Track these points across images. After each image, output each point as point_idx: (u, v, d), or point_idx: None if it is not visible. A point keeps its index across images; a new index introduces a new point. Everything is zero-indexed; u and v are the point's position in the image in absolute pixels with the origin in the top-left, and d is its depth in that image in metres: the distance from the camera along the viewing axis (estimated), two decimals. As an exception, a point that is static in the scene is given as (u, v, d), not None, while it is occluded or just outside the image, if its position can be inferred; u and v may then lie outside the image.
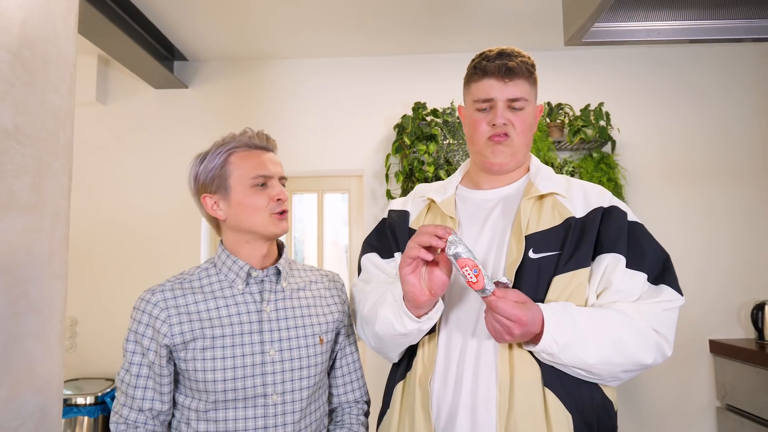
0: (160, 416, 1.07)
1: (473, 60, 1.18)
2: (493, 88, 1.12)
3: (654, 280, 1.08)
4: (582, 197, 1.15)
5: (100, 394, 2.65)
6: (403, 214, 1.29)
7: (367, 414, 1.27)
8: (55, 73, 1.14)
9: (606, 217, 1.11)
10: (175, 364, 1.07)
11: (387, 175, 3.00)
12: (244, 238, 1.12)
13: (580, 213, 1.12)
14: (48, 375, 1.09)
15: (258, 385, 1.05)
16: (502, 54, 1.13)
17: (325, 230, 3.28)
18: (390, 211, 1.34)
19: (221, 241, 1.16)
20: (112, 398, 2.64)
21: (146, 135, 3.14)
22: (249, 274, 1.11)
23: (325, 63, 3.17)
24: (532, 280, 1.07)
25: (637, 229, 1.12)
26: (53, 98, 1.13)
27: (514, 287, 1.05)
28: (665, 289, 1.07)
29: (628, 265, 1.07)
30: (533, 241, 1.09)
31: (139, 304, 1.07)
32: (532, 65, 1.15)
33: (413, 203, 1.31)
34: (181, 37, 2.89)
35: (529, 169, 1.23)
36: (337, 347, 1.24)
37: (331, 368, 1.25)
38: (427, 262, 1.00)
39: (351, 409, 1.24)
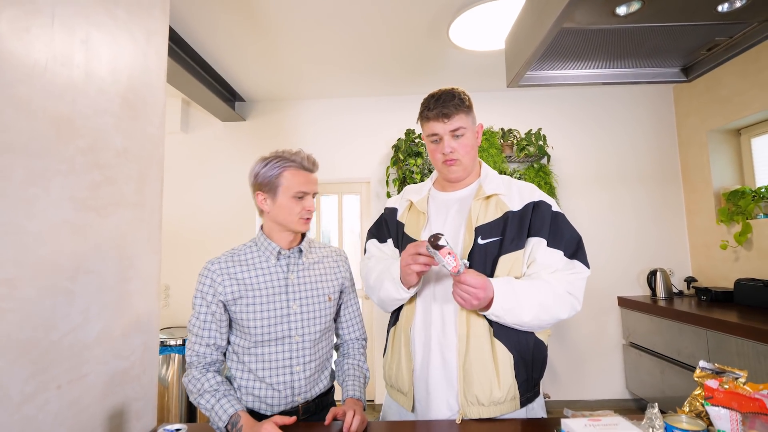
0: (219, 349, 1.08)
1: (420, 107, 1.14)
2: (437, 126, 1.10)
3: (569, 255, 1.06)
4: (518, 195, 1.12)
5: (185, 338, 2.68)
6: (393, 211, 1.28)
7: (364, 347, 1.28)
8: (150, 111, 1.16)
9: (535, 209, 1.08)
10: (229, 313, 1.09)
11: (387, 182, 3.01)
12: (278, 228, 1.12)
13: (516, 207, 1.09)
14: (148, 321, 1.11)
15: (285, 329, 1.07)
16: (438, 100, 1.10)
17: (344, 221, 3.28)
18: (385, 207, 1.32)
19: (261, 226, 1.16)
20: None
21: (216, 154, 3.16)
22: (279, 253, 1.12)
23: (342, 101, 3.18)
24: (482, 260, 1.06)
25: (559, 217, 1.09)
26: (149, 128, 1.15)
27: (469, 267, 1.04)
28: (577, 264, 1.05)
29: (549, 245, 1.05)
30: (481, 231, 1.07)
31: (204, 271, 1.08)
32: (465, 100, 1.11)
33: (400, 202, 1.29)
34: (240, 83, 2.89)
35: (480, 175, 1.21)
36: (341, 300, 1.24)
37: (338, 315, 1.25)
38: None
39: (353, 344, 1.24)
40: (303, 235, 1.19)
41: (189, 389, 1.03)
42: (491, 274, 1.04)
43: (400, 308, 1.17)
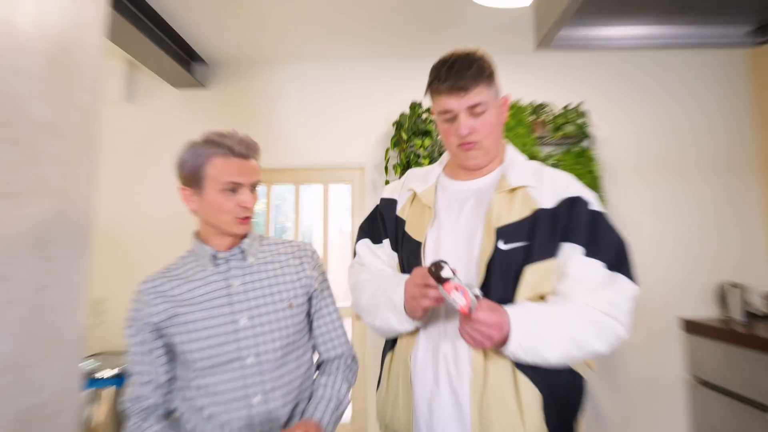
0: (160, 388, 1.12)
1: (429, 76, 1.14)
2: (450, 102, 1.10)
3: (612, 267, 1.05)
4: (551, 188, 1.11)
5: (122, 365, 2.65)
6: (391, 203, 1.29)
7: (350, 367, 1.29)
8: (84, 74, 1.17)
9: (572, 206, 1.07)
10: (166, 341, 1.12)
11: (386, 168, 3.01)
12: (212, 230, 1.16)
13: (549, 204, 1.09)
14: (72, 344, 1.11)
15: (233, 350, 1.09)
16: (451, 69, 1.09)
17: (330, 218, 3.29)
18: (381, 198, 1.33)
19: (197, 231, 1.20)
20: (135, 370, 2.63)
21: (168, 130, 3.17)
22: (214, 257, 1.15)
23: (330, 66, 3.19)
24: (503, 269, 1.05)
25: (600, 217, 1.08)
26: (82, 96, 1.16)
27: (486, 277, 1.05)
28: (621, 278, 1.04)
29: (586, 254, 1.04)
30: (503, 232, 1.06)
31: (135, 294, 1.13)
32: (485, 67, 1.10)
33: (401, 192, 1.29)
34: (199, 42, 2.91)
35: (503, 160, 1.20)
36: (312, 309, 1.26)
37: (311, 328, 1.27)
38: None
39: (333, 362, 1.26)
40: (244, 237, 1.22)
41: None
42: (513, 288, 1.05)
43: None
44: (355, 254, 1.33)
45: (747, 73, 3.06)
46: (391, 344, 1.20)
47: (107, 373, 2.59)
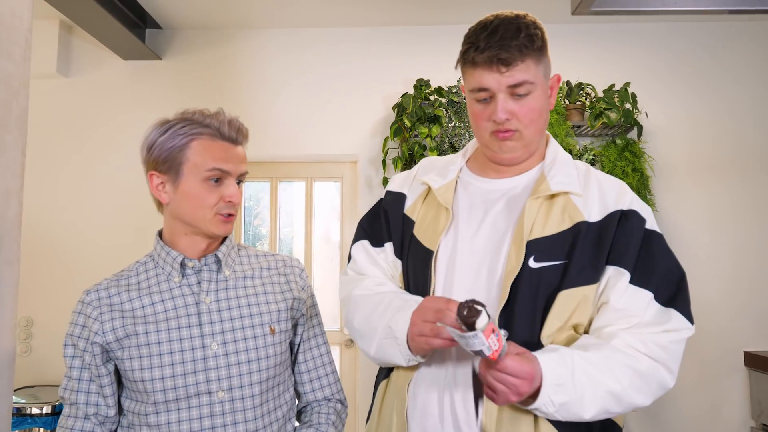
0: (106, 423, 1.11)
1: (463, 42, 1.11)
2: (488, 78, 1.06)
3: (663, 301, 1.05)
4: (598, 197, 1.12)
5: (57, 403, 2.66)
6: (399, 198, 1.28)
7: (339, 413, 1.30)
8: (7, 37, 1.15)
9: (622, 222, 1.08)
10: (116, 365, 1.11)
11: (384, 162, 3.01)
12: (183, 230, 1.15)
13: (594, 217, 1.09)
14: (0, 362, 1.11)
15: (201, 381, 1.08)
16: (493, 35, 1.05)
17: (315, 224, 3.29)
18: (387, 191, 1.33)
19: (159, 231, 1.20)
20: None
21: (113, 111, 3.15)
22: (184, 265, 1.15)
23: (315, 34, 3.19)
24: (531, 293, 1.05)
25: (654, 239, 1.09)
26: (5, 65, 1.14)
27: (509, 300, 1.04)
28: (674, 316, 1.04)
29: (633, 281, 1.04)
30: (536, 247, 1.06)
31: (77, 305, 1.12)
32: (536, 36, 1.07)
33: (412, 185, 1.29)
34: (153, 3, 2.89)
35: (544, 156, 1.20)
36: (298, 339, 1.28)
37: (295, 363, 1.29)
38: None
39: (320, 406, 1.27)
40: (224, 239, 1.22)
41: None
42: (542, 317, 1.05)
43: None
44: (350, 259, 1.33)
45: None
46: (386, 372, 1.21)
47: (37, 410, 2.60)
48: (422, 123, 2.89)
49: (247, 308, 1.17)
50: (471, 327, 0.88)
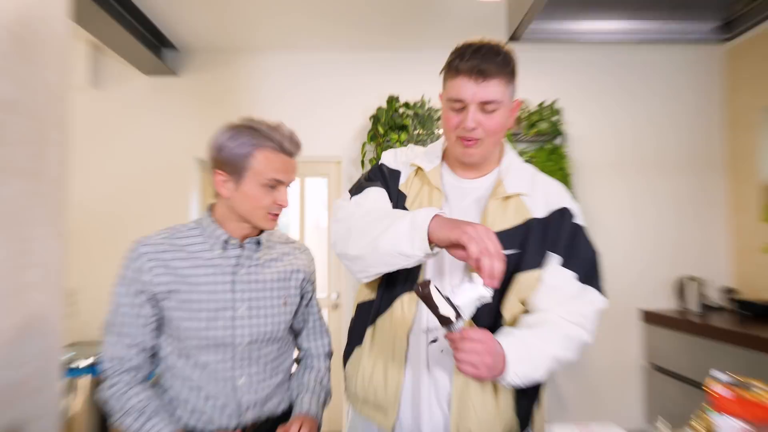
0: (145, 351, 1.10)
1: (451, 54, 1.09)
2: (465, 88, 1.04)
3: (583, 280, 1.07)
4: (544, 197, 1.12)
5: (98, 355, 2.63)
6: (395, 174, 1.22)
7: (329, 359, 1.34)
8: (49, 52, 1.15)
9: (559, 217, 1.10)
10: (159, 309, 1.10)
11: (363, 162, 3.02)
12: (235, 218, 1.12)
13: (540, 213, 1.10)
14: (50, 323, 1.12)
15: (228, 335, 1.10)
16: (477, 51, 1.03)
17: (306, 213, 3.29)
18: (382, 164, 1.25)
19: (211, 207, 1.17)
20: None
21: (137, 117, 3.10)
22: (227, 242, 1.13)
23: (308, 56, 3.17)
24: None
25: (579, 231, 1.11)
26: (48, 75, 1.14)
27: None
28: (590, 291, 1.08)
29: (562, 264, 1.07)
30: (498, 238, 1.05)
31: (131, 253, 1.08)
32: (510, 62, 1.05)
33: (404, 166, 1.23)
34: (170, 26, 2.84)
35: (500, 162, 1.18)
36: (302, 307, 1.28)
37: (301, 323, 1.31)
38: None
39: (318, 358, 1.31)
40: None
41: (110, 406, 1.04)
42: (502, 294, 1.07)
43: (375, 304, 1.17)
44: (355, 192, 1.21)
45: (720, 73, 3.17)
46: (372, 317, 1.18)
47: (83, 363, 2.57)
48: (393, 130, 2.91)
49: (270, 283, 1.17)
50: (427, 298, 0.89)
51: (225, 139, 1.07)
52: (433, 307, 0.91)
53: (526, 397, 1.10)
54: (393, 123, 2.91)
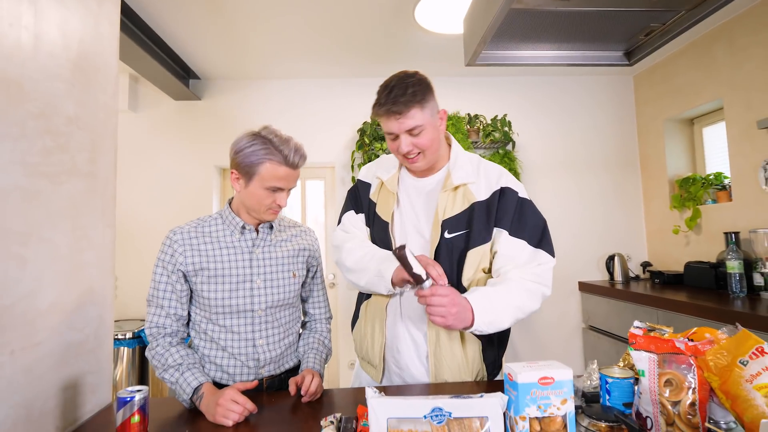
0: (180, 320, 1.12)
1: (373, 103, 1.08)
2: (390, 125, 1.05)
3: (534, 244, 1.07)
4: (485, 181, 1.11)
5: (136, 330, 2.66)
6: (366, 185, 1.26)
7: (329, 323, 1.33)
8: (103, 79, 1.19)
9: (501, 196, 1.08)
10: (189, 285, 1.12)
11: (352, 166, 3.07)
12: (245, 210, 1.14)
13: (483, 196, 1.09)
14: (103, 295, 1.15)
15: (247, 303, 1.11)
16: (390, 94, 1.02)
17: (307, 209, 3.30)
18: (358, 180, 1.30)
19: (229, 200, 1.19)
20: (146, 333, 2.65)
21: (168, 134, 3.11)
22: (243, 227, 1.15)
23: (306, 82, 3.20)
24: (448, 254, 1.06)
25: (525, 204, 1.09)
26: (102, 97, 1.18)
27: (435, 260, 1.06)
28: (541, 254, 1.07)
29: (512, 234, 1.06)
30: (447, 224, 1.06)
31: (165, 240, 1.11)
32: (418, 92, 1.03)
33: (373, 179, 1.25)
34: (194, 60, 2.87)
35: (449, 158, 1.17)
36: (308, 278, 1.28)
37: (305, 294, 1.31)
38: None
39: (320, 322, 1.30)
40: None
41: (153, 364, 1.06)
42: (459, 270, 1.07)
43: None
44: (339, 221, 1.30)
45: (631, 93, 3.30)
46: (366, 296, 1.23)
47: (122, 336, 2.59)
48: (377, 140, 2.96)
49: (281, 259, 1.17)
50: (402, 258, 0.92)
51: (243, 145, 1.07)
52: (407, 267, 0.93)
53: (492, 347, 1.12)
54: (376, 134, 2.96)
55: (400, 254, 0.94)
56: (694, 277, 2.58)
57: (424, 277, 0.93)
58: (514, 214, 1.07)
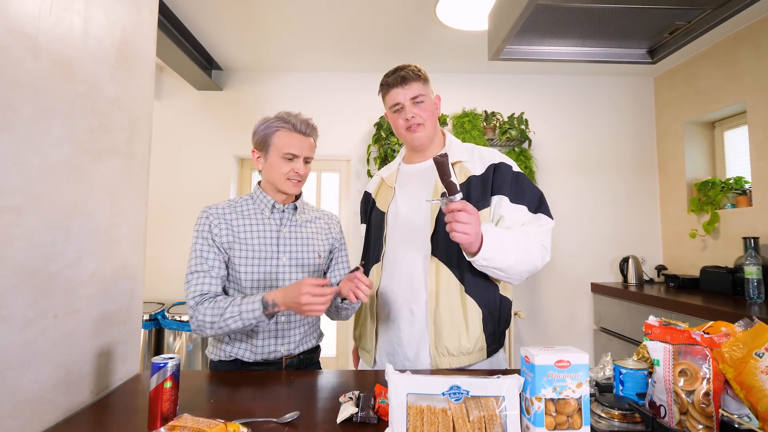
0: (222, 281, 1.15)
1: (380, 82, 1.25)
2: (397, 94, 1.19)
3: (534, 210, 1.15)
4: (479, 159, 1.21)
5: (153, 312, 2.73)
6: (368, 194, 1.40)
7: None
8: (142, 64, 1.24)
9: (496, 170, 1.17)
10: (224, 255, 1.15)
11: (368, 160, 3.09)
12: (271, 187, 1.21)
13: (478, 171, 1.18)
14: (135, 270, 1.20)
15: (273, 278, 1.16)
16: (396, 71, 1.20)
17: (322, 200, 3.34)
18: (365, 191, 1.43)
19: (258, 182, 1.25)
20: (163, 316, 2.70)
21: (191, 124, 3.17)
22: (274, 206, 1.21)
23: (325, 75, 3.23)
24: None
25: (520, 176, 1.19)
26: (140, 81, 1.24)
27: (435, 227, 1.16)
28: (542, 216, 1.15)
29: (512, 201, 1.14)
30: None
31: (201, 214, 1.17)
32: (420, 72, 1.21)
33: (377, 178, 1.40)
34: (218, 51, 2.93)
35: (444, 144, 1.28)
36: (333, 258, 1.33)
37: (329, 269, 1.33)
38: None
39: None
40: (297, 198, 1.28)
41: (206, 323, 1.06)
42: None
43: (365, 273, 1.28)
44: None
45: (650, 95, 3.27)
46: None
47: (146, 317, 2.66)
48: (392, 135, 2.96)
49: (306, 239, 1.23)
50: (442, 164, 0.94)
51: (258, 125, 1.20)
52: (445, 174, 0.95)
53: (492, 320, 1.16)
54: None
55: (443, 159, 0.95)
56: (710, 282, 2.56)
57: (458, 187, 0.96)
58: (511, 185, 1.16)
